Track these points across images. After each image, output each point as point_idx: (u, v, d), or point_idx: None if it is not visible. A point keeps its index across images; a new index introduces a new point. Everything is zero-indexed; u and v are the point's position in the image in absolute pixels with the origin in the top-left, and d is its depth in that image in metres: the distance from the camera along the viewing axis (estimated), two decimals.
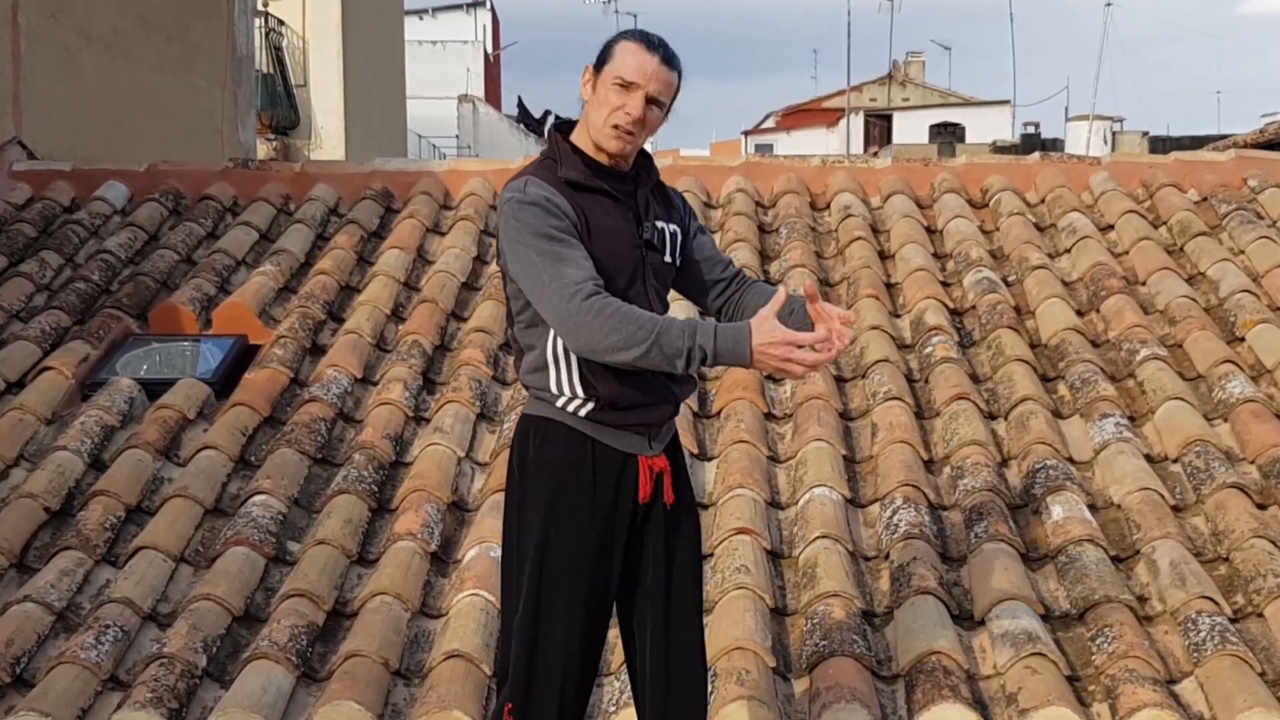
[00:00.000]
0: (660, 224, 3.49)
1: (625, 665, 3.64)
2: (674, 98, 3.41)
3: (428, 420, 6.09)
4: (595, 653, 3.43)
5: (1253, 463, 5.43)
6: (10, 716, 4.36)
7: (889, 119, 44.61)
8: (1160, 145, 29.12)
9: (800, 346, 3.15)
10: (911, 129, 41.28)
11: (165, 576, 5.11)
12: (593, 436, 3.35)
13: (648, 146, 3.57)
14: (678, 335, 3.15)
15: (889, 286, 7.07)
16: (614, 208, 3.38)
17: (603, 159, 3.39)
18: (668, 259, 3.50)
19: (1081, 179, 8.12)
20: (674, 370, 3.20)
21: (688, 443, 5.64)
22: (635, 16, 55.89)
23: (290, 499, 5.52)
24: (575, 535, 3.34)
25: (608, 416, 3.34)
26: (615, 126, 3.32)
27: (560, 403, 3.36)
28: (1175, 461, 5.48)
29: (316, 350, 6.75)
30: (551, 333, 3.31)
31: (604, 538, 3.36)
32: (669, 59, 3.35)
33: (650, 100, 3.33)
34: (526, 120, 41.74)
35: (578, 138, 3.42)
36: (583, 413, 3.35)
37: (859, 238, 7.44)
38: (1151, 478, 5.29)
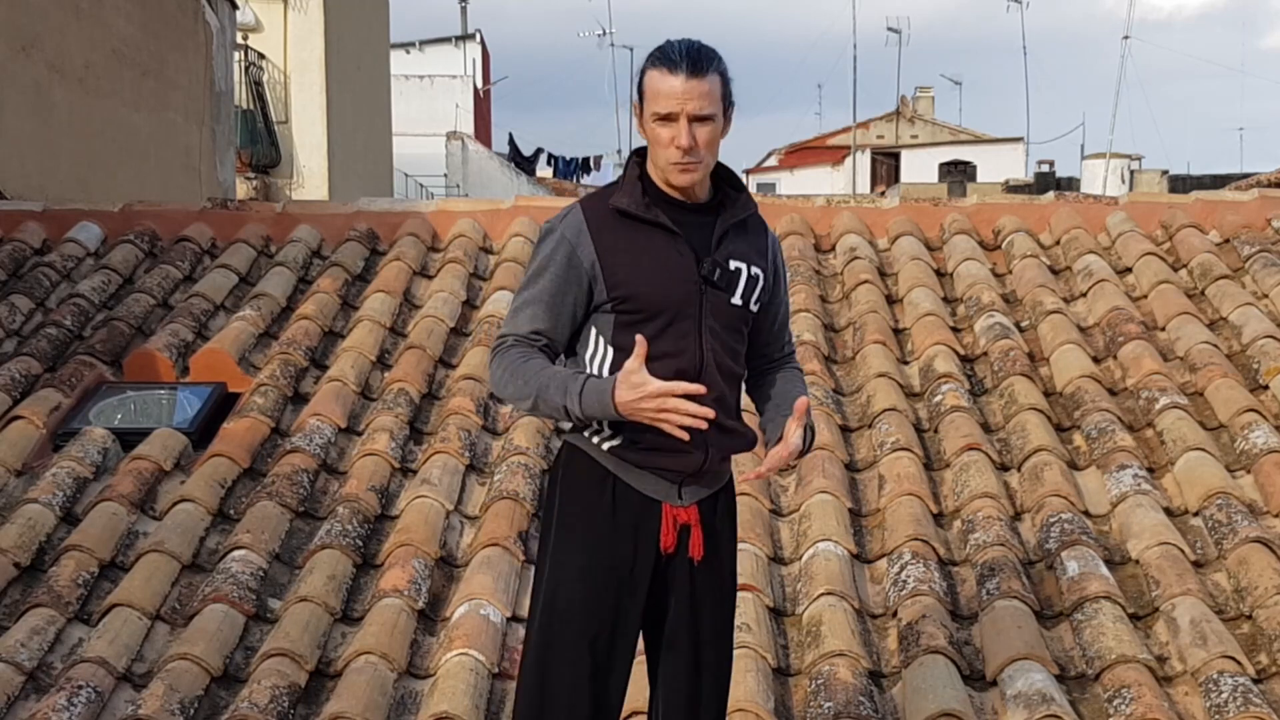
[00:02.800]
0: (735, 263, 3.44)
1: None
2: (724, 99, 3.37)
3: (415, 472, 6.13)
4: (610, 699, 3.43)
5: (1277, 516, 5.46)
6: None
7: (897, 157, 44.77)
8: (1180, 184, 29.25)
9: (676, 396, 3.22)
10: (920, 167, 41.40)
11: (140, 635, 5.13)
12: (615, 474, 3.39)
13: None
14: (555, 393, 3.30)
15: (897, 332, 7.13)
16: (669, 240, 3.38)
17: (674, 192, 3.41)
18: (736, 300, 3.45)
19: (1098, 220, 8.19)
20: (565, 421, 3.36)
21: None
22: (631, 50, 56.11)
23: (271, 554, 5.56)
24: (587, 571, 3.37)
25: (629, 454, 3.38)
26: (674, 164, 3.34)
27: (587, 432, 3.42)
28: (1196, 515, 5.52)
29: (298, 399, 6.80)
30: (589, 354, 3.41)
31: (619, 579, 3.38)
32: (696, 68, 3.30)
33: (696, 119, 3.30)
34: (518, 159, 41.88)
35: (652, 167, 3.43)
36: (605, 446, 3.39)
37: (865, 281, 7.50)
38: (1171, 532, 5.32)
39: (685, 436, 3.22)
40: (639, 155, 3.47)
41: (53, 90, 9.96)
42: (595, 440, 3.39)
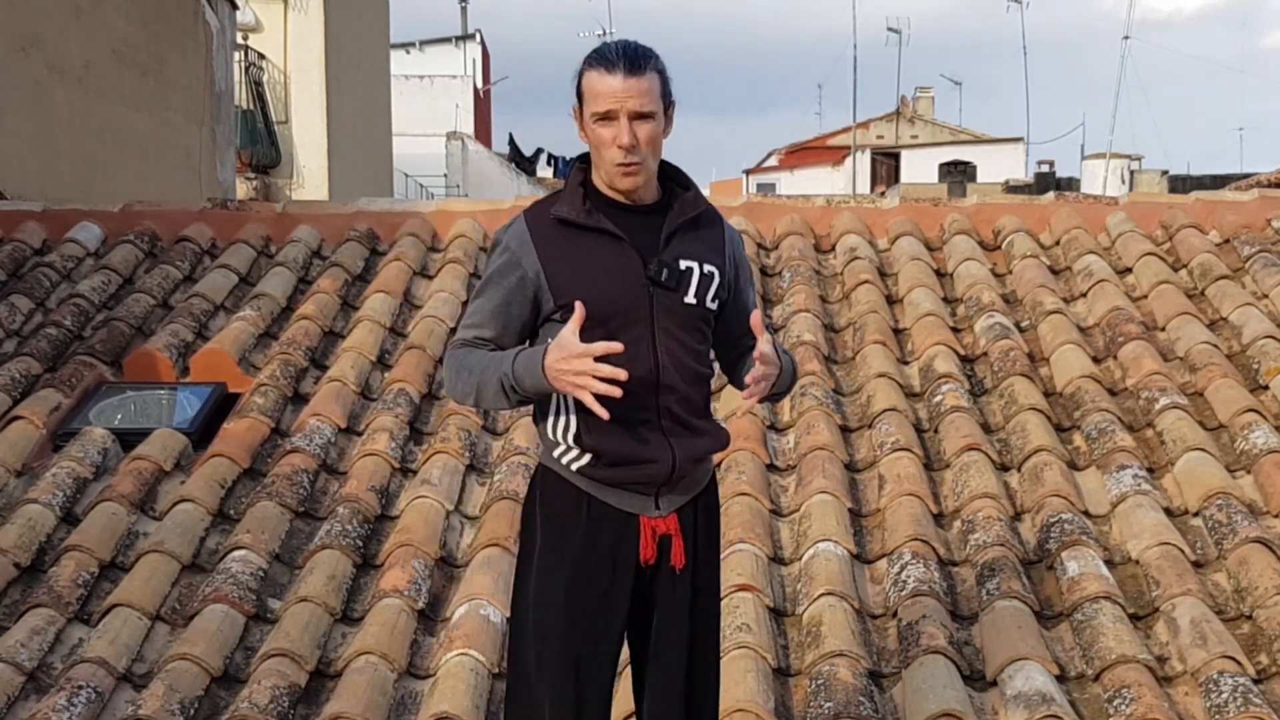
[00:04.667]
0: (685, 262, 3.40)
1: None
2: (664, 97, 3.37)
3: (415, 472, 6.13)
4: (593, 715, 3.42)
5: (1277, 516, 5.46)
6: None
7: (897, 157, 44.76)
8: (1180, 184, 29.25)
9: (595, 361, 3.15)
10: (920, 167, 41.41)
11: (141, 635, 5.13)
12: (588, 493, 3.37)
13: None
14: (492, 372, 3.33)
15: (897, 332, 7.13)
16: (614, 245, 3.36)
17: (619, 195, 3.40)
18: (690, 299, 3.40)
19: (1098, 220, 8.19)
20: (510, 405, 3.36)
21: None
22: None
23: (271, 554, 5.56)
24: (568, 592, 3.35)
25: (599, 473, 3.36)
26: (618, 165, 3.32)
27: (557, 453, 3.40)
28: (1196, 515, 5.52)
29: (298, 399, 6.80)
30: None
31: (600, 597, 3.37)
32: (634, 66, 3.29)
33: (637, 116, 3.30)
34: (518, 159, 41.89)
35: (597, 172, 3.43)
36: (574, 467, 3.38)
37: (865, 281, 7.50)
38: (1171, 532, 5.32)
39: (604, 414, 3.15)
40: (583, 162, 3.46)
41: (53, 90, 9.96)
42: (565, 461, 3.38)
